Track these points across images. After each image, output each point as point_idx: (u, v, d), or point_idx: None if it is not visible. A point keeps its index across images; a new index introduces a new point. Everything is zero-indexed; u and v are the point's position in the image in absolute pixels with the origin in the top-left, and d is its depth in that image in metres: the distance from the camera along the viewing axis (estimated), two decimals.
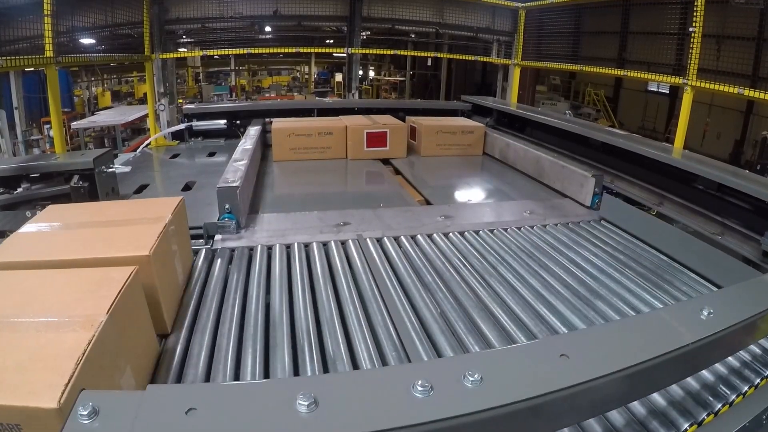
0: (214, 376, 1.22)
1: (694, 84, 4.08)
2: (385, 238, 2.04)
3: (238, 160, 2.53)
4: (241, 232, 2.08)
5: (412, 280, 1.70)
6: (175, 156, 3.73)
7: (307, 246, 1.96)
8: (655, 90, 15.63)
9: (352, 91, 7.16)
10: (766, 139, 11.69)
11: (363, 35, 8.64)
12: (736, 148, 13.13)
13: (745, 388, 1.18)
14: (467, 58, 9.13)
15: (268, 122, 3.89)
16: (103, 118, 12.61)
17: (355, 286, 1.67)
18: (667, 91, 14.90)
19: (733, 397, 1.15)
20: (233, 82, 21.01)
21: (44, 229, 1.44)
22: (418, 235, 2.09)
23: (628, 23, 14.44)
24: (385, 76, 23.06)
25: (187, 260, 1.68)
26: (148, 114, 5.31)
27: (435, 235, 2.10)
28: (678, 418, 1.09)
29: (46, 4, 3.36)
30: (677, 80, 4.35)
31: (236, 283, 1.65)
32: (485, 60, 8.25)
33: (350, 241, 2.00)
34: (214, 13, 6.49)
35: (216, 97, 17.86)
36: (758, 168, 10.96)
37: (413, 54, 17.18)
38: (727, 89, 4.09)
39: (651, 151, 2.65)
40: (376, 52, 16.56)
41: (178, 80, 18.06)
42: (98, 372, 0.91)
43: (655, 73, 5.13)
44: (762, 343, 1.34)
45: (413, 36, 14.19)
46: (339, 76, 20.85)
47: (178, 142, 4.24)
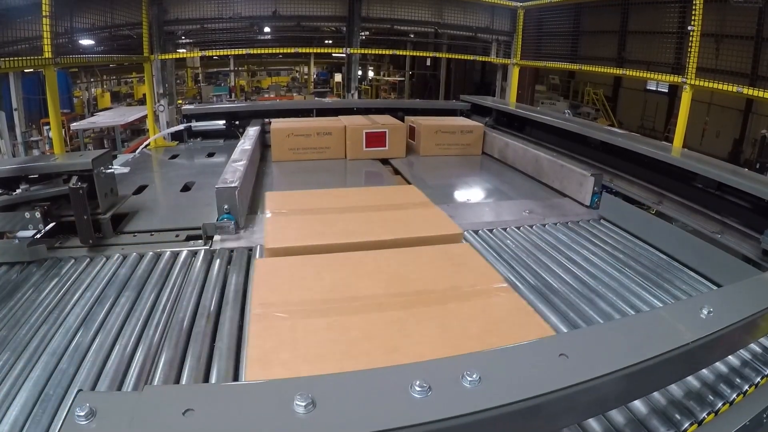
0: (212, 377, 1.22)
1: (693, 83, 4.08)
2: None
3: (237, 161, 2.52)
4: (240, 233, 2.08)
5: None
6: (175, 157, 3.72)
7: None
8: (654, 89, 15.62)
9: (352, 91, 7.16)
10: (765, 138, 11.69)
11: (362, 35, 8.63)
12: (735, 147, 13.13)
13: (746, 387, 1.18)
14: (466, 58, 9.14)
15: (267, 122, 3.89)
16: (103, 119, 12.60)
17: None
18: (666, 90, 14.90)
19: (733, 396, 1.15)
20: (232, 83, 21.02)
21: (307, 216, 1.61)
22: None
23: (627, 22, 14.47)
24: (384, 76, 23.07)
25: None
26: (148, 115, 5.30)
27: None
28: (678, 417, 1.09)
29: (44, 5, 3.35)
30: (676, 79, 4.34)
31: (235, 284, 1.65)
32: (484, 60, 8.26)
33: None
34: (213, 13, 6.49)
35: (215, 97, 17.85)
36: (757, 166, 10.95)
37: (412, 54, 17.19)
38: (726, 88, 4.09)
39: (650, 150, 2.65)
40: (375, 52, 16.56)
41: (178, 81, 18.06)
42: None
43: (654, 72, 5.13)
44: (762, 341, 1.33)
45: (412, 36, 14.19)
46: (338, 77, 20.84)
47: (178, 142, 4.24)
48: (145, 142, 4.38)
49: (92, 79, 18.61)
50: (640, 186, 2.81)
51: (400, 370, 0.72)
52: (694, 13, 4.14)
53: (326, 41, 11.75)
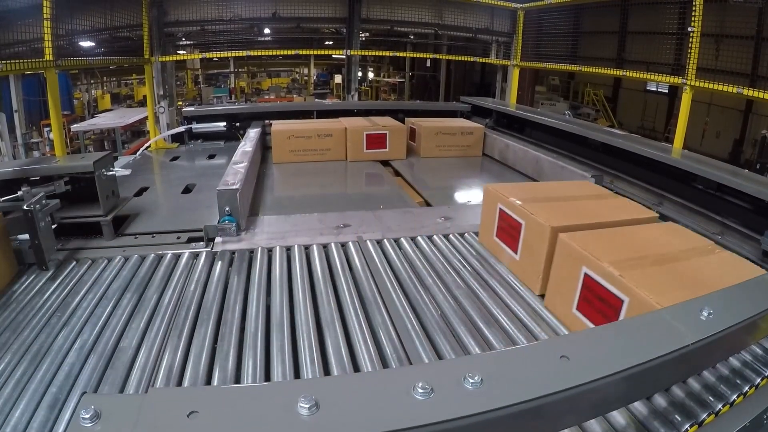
0: (215, 379, 1.22)
1: (693, 83, 4.08)
2: (385, 240, 2.04)
3: (238, 163, 2.53)
4: (241, 235, 2.08)
5: (413, 281, 1.71)
6: (175, 158, 3.73)
7: (308, 248, 1.97)
8: (654, 90, 15.63)
9: (352, 93, 7.17)
10: (765, 138, 11.69)
11: (362, 37, 8.65)
12: (735, 148, 13.13)
13: (746, 388, 1.18)
14: (466, 59, 9.15)
15: (267, 124, 3.89)
16: (103, 121, 12.59)
17: (356, 288, 1.67)
18: (666, 91, 14.90)
19: (733, 397, 1.15)
20: (233, 84, 21.04)
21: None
22: (418, 237, 2.09)
23: (627, 23, 14.47)
24: (384, 77, 23.07)
25: None
26: (148, 116, 5.31)
27: (435, 236, 2.10)
28: (678, 418, 1.09)
29: (45, 8, 3.36)
30: (676, 80, 4.35)
31: (236, 286, 1.65)
32: (484, 61, 8.26)
33: (350, 242, 2.00)
34: (214, 15, 6.51)
35: (215, 99, 17.87)
36: (758, 167, 10.95)
37: (412, 55, 17.20)
38: (726, 88, 4.09)
39: (650, 151, 2.65)
40: (375, 54, 16.54)
41: (178, 83, 18.08)
42: None
43: (654, 73, 5.13)
44: (762, 342, 1.34)
45: (412, 37, 14.21)
46: (338, 78, 20.84)
47: (178, 144, 4.24)
48: (146, 144, 4.39)
49: (92, 81, 18.62)
50: (640, 187, 2.81)
51: (403, 371, 0.73)
52: (693, 13, 4.15)
53: (326, 43, 11.78)
